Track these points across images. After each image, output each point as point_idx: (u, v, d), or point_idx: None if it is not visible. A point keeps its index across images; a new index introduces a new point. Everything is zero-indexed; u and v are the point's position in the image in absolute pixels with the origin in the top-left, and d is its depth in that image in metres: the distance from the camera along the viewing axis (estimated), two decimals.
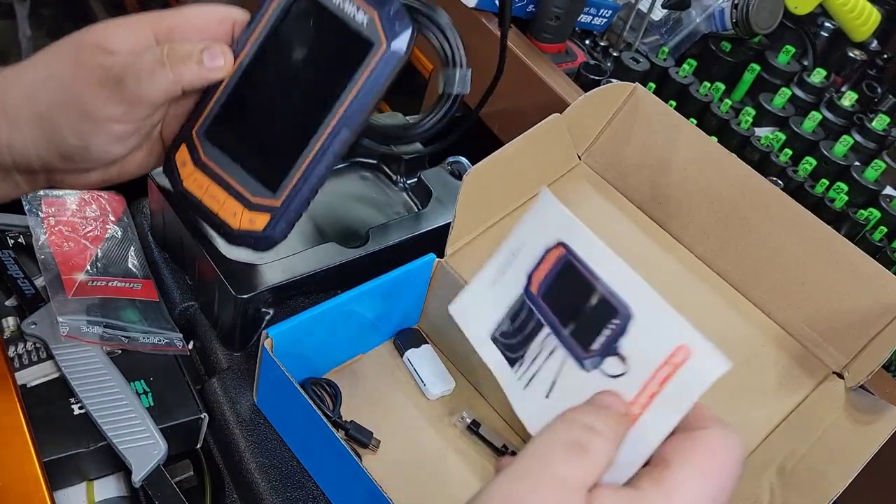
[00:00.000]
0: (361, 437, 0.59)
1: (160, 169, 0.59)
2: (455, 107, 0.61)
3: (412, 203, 0.75)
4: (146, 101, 0.48)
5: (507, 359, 0.44)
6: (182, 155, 0.51)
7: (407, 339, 0.68)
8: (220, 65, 0.49)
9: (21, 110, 0.48)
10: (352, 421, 0.60)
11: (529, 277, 0.45)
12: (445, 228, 0.68)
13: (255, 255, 0.62)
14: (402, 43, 0.47)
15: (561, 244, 0.45)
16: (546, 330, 0.43)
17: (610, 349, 0.40)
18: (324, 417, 0.52)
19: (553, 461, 0.33)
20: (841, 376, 0.57)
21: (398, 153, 0.70)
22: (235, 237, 0.50)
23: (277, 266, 0.62)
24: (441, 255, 0.64)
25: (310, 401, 0.53)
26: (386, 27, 0.46)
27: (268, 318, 0.62)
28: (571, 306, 0.43)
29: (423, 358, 0.66)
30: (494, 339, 0.44)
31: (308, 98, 0.49)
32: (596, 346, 0.41)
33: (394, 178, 0.78)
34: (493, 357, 0.44)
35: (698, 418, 0.36)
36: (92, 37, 0.49)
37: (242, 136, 0.51)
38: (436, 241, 0.68)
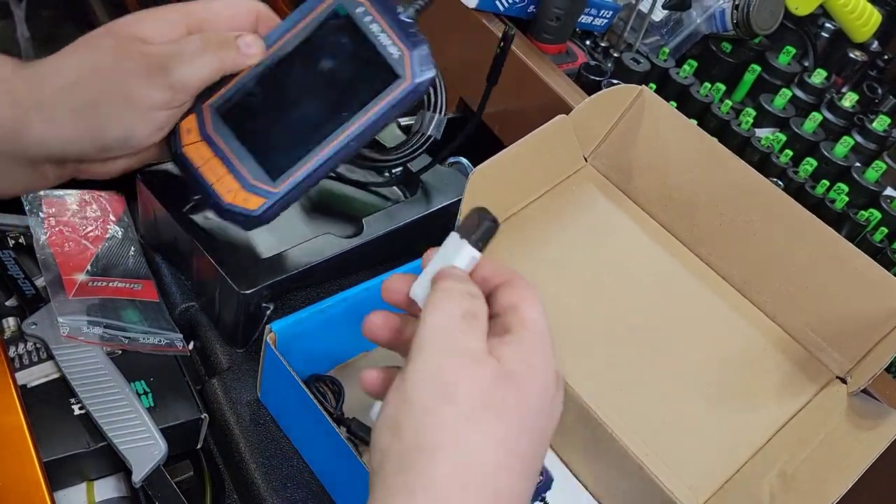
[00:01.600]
0: (363, 434, 0.59)
1: (149, 170, 0.60)
2: (426, 146, 0.66)
3: (399, 191, 0.76)
4: (190, 86, 0.50)
5: None
6: (189, 123, 0.53)
7: None
8: (254, 52, 0.51)
9: (58, 105, 0.47)
10: (354, 418, 0.60)
11: None
12: (437, 214, 0.69)
13: (253, 250, 0.63)
14: (423, 82, 0.51)
15: None
16: None
17: None
18: (326, 414, 0.53)
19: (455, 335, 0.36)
20: (844, 381, 0.57)
21: (412, 171, 0.72)
22: (223, 211, 0.53)
23: (277, 260, 0.62)
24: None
25: (312, 397, 0.53)
26: (414, 65, 0.51)
27: (268, 312, 0.62)
28: None
29: None
30: None
31: (327, 105, 0.53)
32: None
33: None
34: None
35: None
36: (128, 27, 0.49)
37: (254, 121, 0.53)
38: (428, 227, 0.69)
